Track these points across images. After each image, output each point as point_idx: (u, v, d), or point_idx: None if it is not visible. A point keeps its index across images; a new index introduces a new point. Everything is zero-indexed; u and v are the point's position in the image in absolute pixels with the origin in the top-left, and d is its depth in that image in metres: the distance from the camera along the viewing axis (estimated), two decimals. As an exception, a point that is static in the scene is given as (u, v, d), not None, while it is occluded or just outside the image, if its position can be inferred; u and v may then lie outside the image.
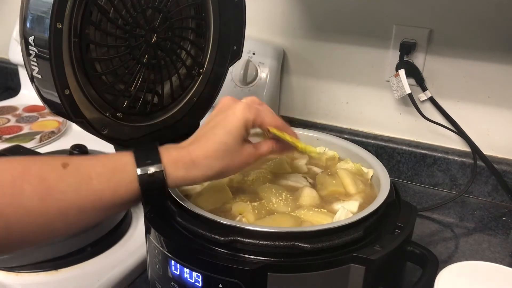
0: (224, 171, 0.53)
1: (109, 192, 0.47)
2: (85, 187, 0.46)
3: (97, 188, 0.46)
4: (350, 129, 1.07)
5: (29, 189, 0.43)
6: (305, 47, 1.05)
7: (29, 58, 0.58)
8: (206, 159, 0.51)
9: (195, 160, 0.51)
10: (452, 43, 0.92)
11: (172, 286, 0.54)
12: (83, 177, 0.46)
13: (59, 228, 0.46)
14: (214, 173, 0.52)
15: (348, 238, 0.52)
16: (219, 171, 0.52)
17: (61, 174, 0.45)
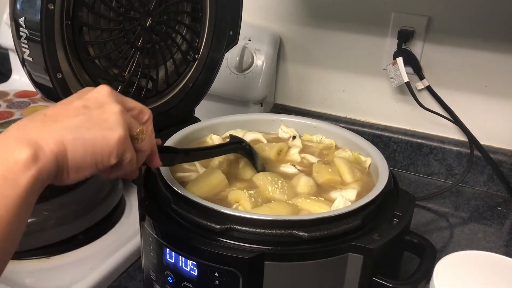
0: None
1: None
2: None
3: None
4: (346, 117, 1.06)
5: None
6: (302, 34, 1.04)
7: (19, 40, 0.56)
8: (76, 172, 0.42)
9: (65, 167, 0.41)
10: (451, 32, 0.91)
11: (166, 274, 0.53)
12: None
13: None
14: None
15: (346, 226, 0.51)
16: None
17: None
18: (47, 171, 0.39)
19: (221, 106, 1.06)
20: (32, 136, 0.39)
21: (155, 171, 0.59)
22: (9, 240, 0.37)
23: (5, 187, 0.36)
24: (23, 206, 0.37)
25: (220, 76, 0.82)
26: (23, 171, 0.37)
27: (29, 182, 0.37)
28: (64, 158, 0.40)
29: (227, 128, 0.73)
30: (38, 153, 0.38)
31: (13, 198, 0.36)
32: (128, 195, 0.86)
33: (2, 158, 0.37)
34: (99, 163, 0.42)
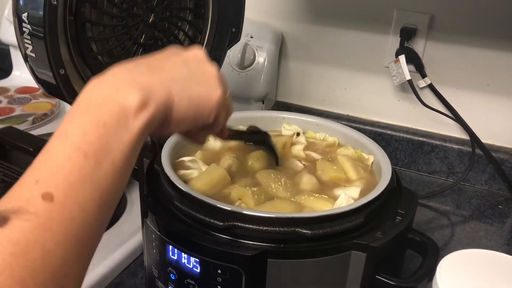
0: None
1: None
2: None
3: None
4: (348, 115, 1.06)
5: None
6: (304, 32, 1.04)
7: (22, 36, 0.56)
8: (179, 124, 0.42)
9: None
10: (453, 30, 0.91)
11: (169, 271, 0.53)
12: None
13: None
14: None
15: (349, 224, 0.51)
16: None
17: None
18: (156, 118, 0.38)
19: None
20: (142, 81, 0.38)
21: (157, 167, 0.59)
22: (120, 186, 0.36)
23: (119, 131, 0.35)
24: (134, 152, 0.37)
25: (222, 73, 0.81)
26: (135, 116, 0.36)
27: (141, 128, 0.36)
28: (170, 108, 0.39)
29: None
30: (149, 99, 0.37)
31: (127, 142, 0.36)
32: (130, 192, 0.85)
33: (114, 100, 0.36)
34: (198, 119, 0.42)
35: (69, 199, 0.32)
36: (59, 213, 0.32)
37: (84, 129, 0.35)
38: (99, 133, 0.34)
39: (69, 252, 0.32)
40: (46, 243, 0.31)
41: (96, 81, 0.37)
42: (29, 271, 0.30)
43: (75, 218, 0.32)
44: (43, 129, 1.04)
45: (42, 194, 0.32)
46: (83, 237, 0.33)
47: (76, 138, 0.34)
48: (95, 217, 0.34)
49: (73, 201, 0.33)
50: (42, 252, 0.30)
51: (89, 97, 0.36)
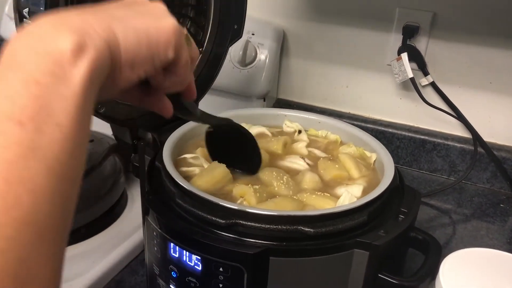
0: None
1: None
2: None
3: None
4: (350, 113, 1.06)
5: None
6: (305, 29, 1.03)
7: (23, 32, 0.55)
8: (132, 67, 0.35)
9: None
10: (456, 28, 0.90)
11: (170, 269, 0.53)
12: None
13: None
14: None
15: (352, 223, 0.50)
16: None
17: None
18: (101, 63, 0.31)
19: (224, 101, 1.06)
20: (73, 22, 0.31)
21: (159, 164, 0.58)
22: (76, 154, 0.29)
23: (57, 85, 0.28)
24: (84, 110, 0.29)
25: (223, 71, 0.81)
26: (73, 63, 0.29)
27: (85, 77, 0.29)
28: (116, 48, 0.33)
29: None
30: (86, 40, 0.30)
31: (70, 98, 0.29)
32: (130, 189, 0.85)
33: (42, 51, 0.29)
34: (155, 56, 0.36)
35: (10, 181, 0.26)
36: (1, 201, 0.25)
37: (11, 94, 0.27)
38: (32, 94, 0.28)
39: (25, 248, 0.26)
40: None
41: (18, 34, 0.30)
42: None
43: (24, 203, 0.26)
44: (43, 125, 1.04)
45: None
46: (39, 225, 0.26)
47: (4, 106, 0.27)
48: (51, 197, 0.27)
49: (15, 182, 0.26)
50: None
51: (11, 54, 0.29)
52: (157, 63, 0.37)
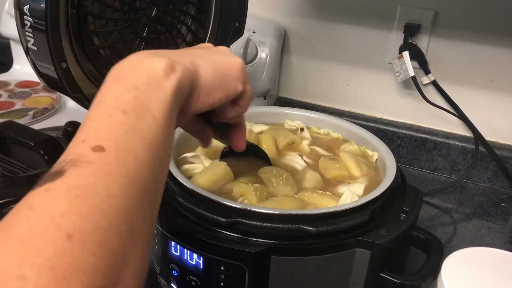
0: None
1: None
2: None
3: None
4: (350, 111, 1.06)
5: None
6: (306, 27, 1.03)
7: (24, 29, 0.55)
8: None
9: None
10: (457, 26, 0.90)
11: (171, 267, 0.53)
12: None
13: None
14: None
15: (354, 221, 0.50)
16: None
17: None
18: (185, 82, 0.39)
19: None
20: (164, 53, 0.39)
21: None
22: (166, 143, 0.36)
23: (153, 91, 0.36)
24: (172, 112, 0.37)
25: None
26: (165, 78, 0.37)
27: (173, 88, 0.37)
28: (196, 76, 0.41)
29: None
30: (175, 64, 0.38)
31: (162, 100, 0.36)
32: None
33: (140, 69, 0.37)
34: (228, 86, 0.43)
35: (119, 149, 0.32)
36: (113, 160, 0.32)
37: (117, 94, 0.35)
38: (134, 95, 0.35)
39: (132, 198, 0.32)
40: (108, 185, 0.30)
41: (121, 61, 0.39)
42: (98, 212, 0.29)
43: (130, 165, 0.32)
44: (43, 123, 1.04)
45: (92, 147, 0.32)
46: (142, 186, 0.33)
47: (111, 101, 0.35)
48: (149, 168, 0.34)
49: (123, 150, 0.33)
50: (106, 194, 0.30)
51: (116, 72, 0.37)
52: (230, 92, 0.44)
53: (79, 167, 0.30)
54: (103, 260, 0.28)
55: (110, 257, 0.28)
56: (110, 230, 0.29)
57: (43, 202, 0.28)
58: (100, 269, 0.27)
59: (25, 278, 0.24)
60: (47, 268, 0.25)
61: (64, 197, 0.28)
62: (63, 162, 0.31)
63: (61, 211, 0.28)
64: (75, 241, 0.27)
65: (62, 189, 0.29)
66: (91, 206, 0.29)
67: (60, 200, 0.28)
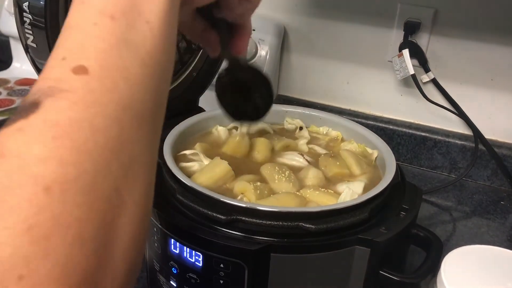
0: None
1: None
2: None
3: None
4: (350, 109, 1.06)
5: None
6: (306, 25, 1.03)
7: (23, 26, 0.55)
8: None
9: None
10: (457, 24, 0.90)
11: (171, 265, 0.53)
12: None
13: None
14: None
15: (354, 219, 0.50)
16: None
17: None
18: None
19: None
20: None
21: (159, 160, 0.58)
22: (164, 55, 0.31)
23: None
24: (169, 14, 0.31)
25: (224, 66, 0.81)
26: None
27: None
28: None
29: (232, 119, 0.72)
30: None
31: (159, 1, 0.30)
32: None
33: None
34: None
35: (106, 68, 0.27)
36: (99, 84, 0.27)
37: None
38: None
39: (124, 127, 0.27)
40: (93, 118, 0.25)
41: None
42: (82, 153, 0.24)
43: (120, 87, 0.27)
44: (43, 121, 1.04)
45: (73, 68, 0.27)
46: (137, 111, 0.28)
47: (96, 2, 0.29)
48: (143, 87, 0.29)
49: (111, 68, 0.27)
50: (91, 129, 0.25)
51: None
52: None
53: (58, 97, 0.25)
54: (90, 210, 0.24)
55: (99, 204, 0.24)
56: (97, 173, 0.24)
57: (16, 146, 0.24)
58: (87, 221, 0.23)
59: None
60: (23, 230, 0.21)
61: (40, 139, 0.24)
62: (40, 90, 0.26)
63: (37, 158, 0.23)
64: (55, 194, 0.23)
65: (37, 128, 0.24)
66: (73, 148, 0.24)
67: (35, 144, 0.24)
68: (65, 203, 0.23)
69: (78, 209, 0.23)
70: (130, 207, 0.26)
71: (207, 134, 0.70)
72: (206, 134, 0.70)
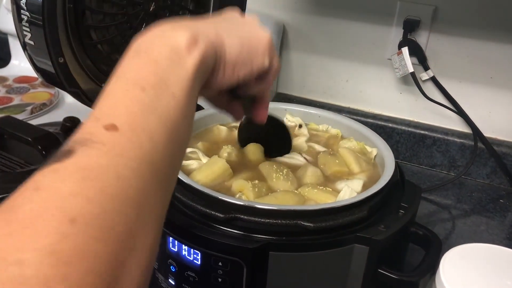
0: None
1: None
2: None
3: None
4: (349, 107, 1.05)
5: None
6: (305, 23, 1.02)
7: (21, 24, 0.55)
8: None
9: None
10: (457, 22, 0.90)
11: (169, 263, 0.53)
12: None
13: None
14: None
15: (352, 217, 0.50)
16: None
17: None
18: (209, 55, 0.37)
19: (223, 95, 1.05)
20: (188, 25, 0.37)
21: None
22: (185, 122, 0.35)
23: (173, 67, 0.35)
24: (192, 89, 0.35)
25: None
26: (187, 52, 0.35)
27: (195, 64, 0.35)
28: (221, 49, 0.39)
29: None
30: (198, 36, 0.36)
31: (183, 77, 0.35)
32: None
33: (162, 43, 0.36)
34: (254, 61, 0.41)
35: (133, 128, 0.31)
36: (127, 140, 0.30)
37: (137, 69, 0.34)
38: (153, 70, 0.34)
39: (144, 180, 0.30)
40: (118, 167, 0.29)
41: (142, 34, 0.37)
42: (106, 195, 0.27)
43: (144, 145, 0.31)
44: (41, 119, 1.03)
45: (105, 126, 0.30)
46: (156, 167, 0.31)
47: (129, 76, 0.34)
48: (164, 148, 0.32)
49: (138, 129, 0.31)
50: (116, 176, 0.28)
51: (137, 45, 0.36)
52: (254, 69, 0.42)
53: (90, 147, 0.29)
54: (106, 246, 0.26)
55: (115, 243, 0.27)
56: (116, 214, 0.27)
57: (49, 183, 0.27)
58: (102, 255, 0.26)
59: (24, 263, 0.23)
60: (48, 253, 0.24)
61: (71, 178, 0.27)
62: (75, 141, 0.30)
63: (66, 193, 0.26)
64: (79, 226, 0.25)
65: (70, 169, 0.28)
66: (98, 189, 0.27)
67: (67, 182, 0.27)
68: (86, 236, 0.25)
69: (96, 243, 0.26)
70: (140, 252, 0.29)
71: (207, 132, 0.70)
72: (207, 132, 0.70)
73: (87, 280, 0.24)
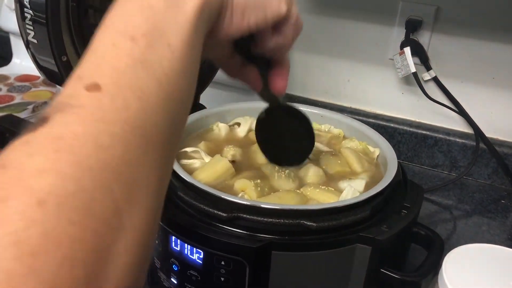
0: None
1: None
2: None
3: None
4: (351, 107, 1.05)
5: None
6: (307, 22, 1.01)
7: (24, 22, 0.55)
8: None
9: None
10: (459, 22, 0.90)
11: (171, 262, 0.53)
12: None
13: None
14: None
15: (355, 217, 0.50)
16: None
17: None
18: (212, 0, 0.32)
19: (225, 94, 1.05)
20: None
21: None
22: (185, 78, 0.30)
23: (170, 11, 0.30)
24: (193, 37, 0.31)
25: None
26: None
27: (197, 6, 0.31)
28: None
29: (233, 116, 0.72)
30: None
31: (182, 23, 0.30)
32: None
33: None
34: (268, 7, 0.36)
35: (118, 86, 0.27)
36: (110, 101, 0.26)
37: (128, 15, 0.30)
38: (146, 15, 0.29)
39: (131, 148, 0.26)
40: (98, 135, 0.25)
41: None
42: (83, 169, 0.23)
43: (131, 107, 0.26)
44: (43, 117, 1.03)
45: (86, 86, 0.26)
46: (146, 133, 0.27)
47: (119, 23, 0.29)
48: (158, 109, 0.28)
49: (125, 87, 0.27)
50: (95, 146, 0.24)
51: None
52: (269, 15, 0.36)
53: (67, 112, 0.25)
54: (85, 229, 0.22)
55: (97, 224, 0.23)
56: (97, 191, 0.23)
57: (17, 158, 0.23)
58: (80, 241, 0.22)
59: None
60: (9, 244, 0.20)
61: (42, 152, 0.23)
62: (52, 107, 0.26)
63: (35, 170, 0.22)
64: (49, 208, 0.21)
65: (41, 141, 0.24)
66: (74, 162, 0.23)
67: (37, 156, 0.23)
68: (59, 219, 0.22)
69: (72, 227, 0.22)
70: (129, 232, 0.25)
71: (208, 131, 0.70)
72: (207, 131, 0.70)
73: (61, 272, 0.21)
